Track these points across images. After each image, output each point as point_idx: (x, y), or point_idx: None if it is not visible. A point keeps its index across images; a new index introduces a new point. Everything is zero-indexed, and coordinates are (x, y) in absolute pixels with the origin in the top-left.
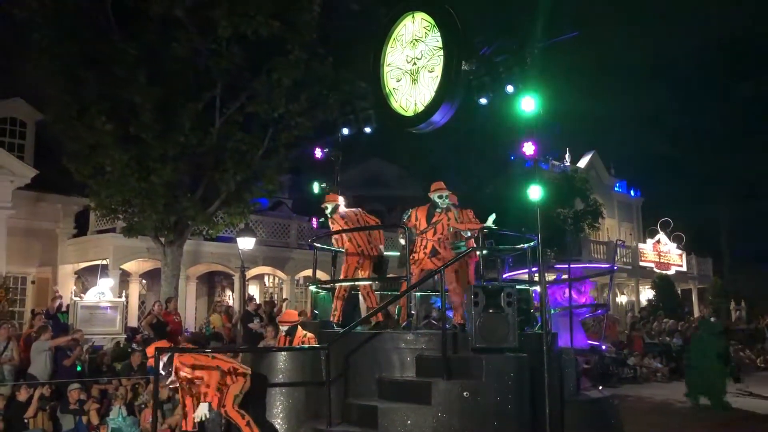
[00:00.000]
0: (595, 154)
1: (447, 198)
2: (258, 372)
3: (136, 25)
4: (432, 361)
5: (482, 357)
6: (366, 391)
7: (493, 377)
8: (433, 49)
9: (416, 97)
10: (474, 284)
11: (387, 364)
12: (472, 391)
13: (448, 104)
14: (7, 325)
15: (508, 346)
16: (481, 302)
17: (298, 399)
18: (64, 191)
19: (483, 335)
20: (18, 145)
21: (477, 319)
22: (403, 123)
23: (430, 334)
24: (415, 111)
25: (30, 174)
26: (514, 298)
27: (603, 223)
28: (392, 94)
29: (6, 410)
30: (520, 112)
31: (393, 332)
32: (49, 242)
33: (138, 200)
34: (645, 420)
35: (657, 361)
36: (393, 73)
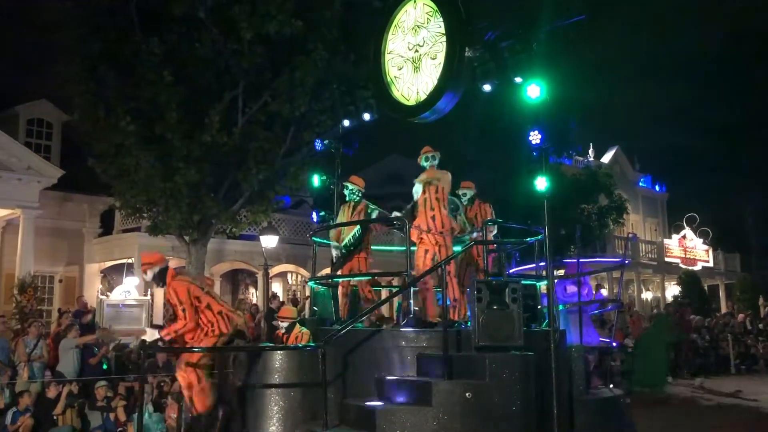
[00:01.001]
0: (618, 149)
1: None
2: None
3: (159, 26)
4: (433, 360)
5: (486, 356)
6: (365, 392)
7: (498, 377)
8: (436, 36)
9: (418, 85)
10: (477, 279)
11: (386, 364)
12: (476, 392)
13: (452, 92)
14: (36, 323)
15: (513, 344)
16: (484, 298)
17: (294, 399)
18: (90, 191)
19: (487, 333)
20: (45, 146)
21: (480, 316)
22: (405, 112)
23: (432, 332)
24: (417, 100)
25: (57, 174)
26: (519, 294)
27: (627, 219)
28: (393, 83)
29: (36, 407)
30: (527, 99)
31: (393, 330)
32: (75, 242)
33: (162, 200)
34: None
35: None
36: (394, 61)
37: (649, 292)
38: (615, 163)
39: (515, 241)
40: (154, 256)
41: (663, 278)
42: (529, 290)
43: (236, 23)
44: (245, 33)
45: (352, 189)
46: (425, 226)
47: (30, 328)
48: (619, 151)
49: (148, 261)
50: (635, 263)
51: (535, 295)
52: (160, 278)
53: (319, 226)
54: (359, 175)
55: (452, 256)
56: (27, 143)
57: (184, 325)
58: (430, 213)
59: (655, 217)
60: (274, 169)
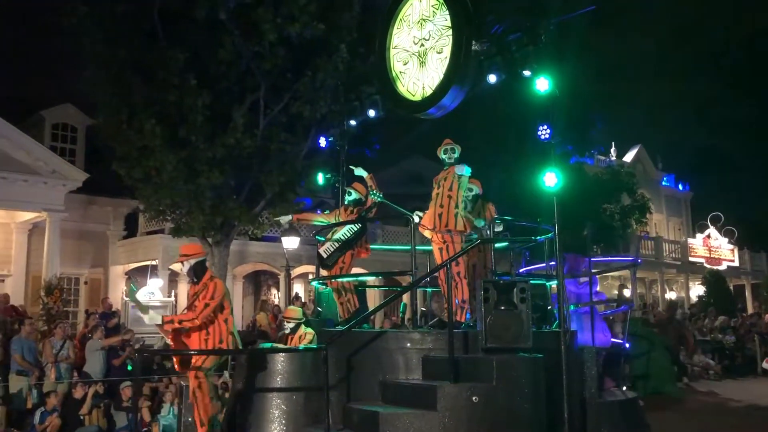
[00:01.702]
0: (641, 148)
1: (457, 152)
2: (254, 375)
3: (182, 29)
4: (439, 362)
5: (493, 358)
6: (369, 395)
7: (506, 380)
8: (442, 29)
9: (424, 80)
10: (484, 279)
11: (391, 366)
12: (482, 396)
13: (458, 87)
14: (63, 325)
15: (521, 346)
16: (492, 298)
17: (296, 403)
18: (114, 194)
19: (494, 334)
20: (69, 150)
21: (488, 317)
22: (411, 108)
23: (438, 333)
24: (423, 95)
25: (81, 178)
26: (528, 294)
27: (651, 219)
28: (399, 78)
29: (63, 407)
30: (535, 92)
31: (398, 331)
32: (100, 244)
33: (186, 202)
34: (696, 419)
35: (709, 358)
36: (399, 55)
37: (673, 292)
38: (637, 162)
39: (522, 240)
40: (193, 247)
41: (687, 278)
42: (538, 290)
43: (258, 25)
44: (267, 35)
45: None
46: (430, 224)
47: (56, 330)
48: (641, 150)
49: (187, 252)
50: (659, 263)
51: (544, 294)
52: (195, 271)
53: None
54: (380, 175)
55: (457, 254)
56: (52, 147)
57: (191, 319)
58: (438, 210)
59: (679, 216)
60: (295, 171)
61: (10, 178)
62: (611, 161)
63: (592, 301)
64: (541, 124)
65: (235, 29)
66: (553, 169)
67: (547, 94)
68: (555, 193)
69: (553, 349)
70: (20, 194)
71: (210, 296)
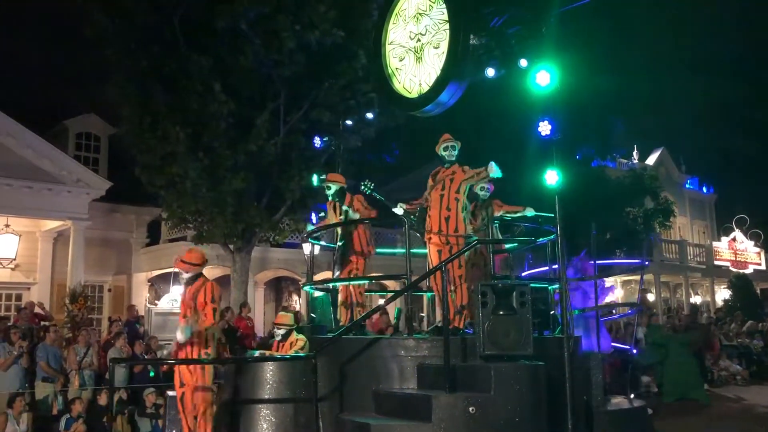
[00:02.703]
0: (664, 151)
1: (456, 149)
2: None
3: (203, 38)
4: (435, 371)
5: (491, 366)
6: (362, 405)
7: (504, 389)
8: (439, 23)
9: (421, 76)
10: (481, 282)
11: (385, 375)
12: (480, 406)
13: (456, 83)
14: (86, 332)
15: (521, 353)
16: (490, 303)
17: (286, 414)
18: (137, 202)
19: (493, 340)
20: (93, 159)
21: (486, 322)
22: (408, 106)
23: (434, 340)
24: (420, 92)
25: (105, 186)
26: (527, 298)
27: (675, 222)
28: (395, 75)
29: (87, 414)
30: (536, 87)
31: (392, 338)
32: (123, 251)
33: (208, 209)
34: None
35: (736, 364)
36: (395, 51)
37: (698, 296)
38: (660, 164)
39: (523, 240)
40: (199, 256)
41: (712, 282)
42: (540, 294)
43: (278, 33)
44: (287, 43)
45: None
46: (436, 226)
47: (79, 337)
48: (664, 153)
49: (193, 262)
50: (683, 267)
51: (546, 299)
52: (195, 277)
53: (314, 228)
54: (400, 180)
55: (454, 255)
56: (76, 156)
57: (212, 324)
58: (445, 213)
59: (703, 219)
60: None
61: (36, 187)
62: (634, 164)
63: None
64: (542, 119)
65: (255, 38)
66: (554, 167)
67: (548, 88)
68: (557, 192)
69: (556, 356)
70: (45, 203)
71: (211, 298)
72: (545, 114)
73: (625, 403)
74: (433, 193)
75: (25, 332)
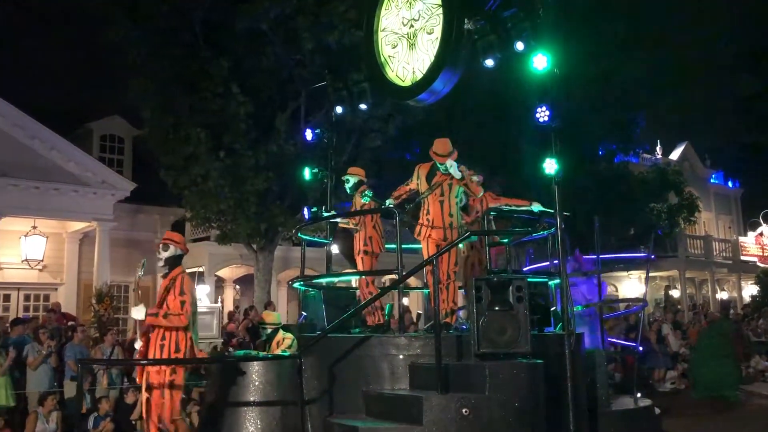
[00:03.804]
0: (688, 145)
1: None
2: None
3: (224, 40)
4: (427, 370)
5: (486, 364)
6: (352, 407)
7: (500, 389)
8: (432, 7)
9: (414, 64)
10: (476, 277)
11: (375, 375)
12: (474, 407)
13: (450, 70)
14: (112, 331)
15: (518, 351)
16: (485, 298)
17: (272, 416)
18: (161, 203)
19: (488, 338)
20: (117, 161)
21: (480, 319)
22: (401, 95)
23: (427, 338)
24: (413, 80)
25: (129, 187)
26: (525, 293)
27: (699, 217)
28: (388, 63)
29: (115, 412)
30: (533, 71)
31: (381, 336)
32: (148, 252)
33: (231, 209)
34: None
35: (764, 360)
36: (388, 38)
37: (724, 292)
38: (684, 159)
39: (518, 231)
40: (181, 237)
41: (739, 277)
42: (539, 289)
43: (298, 34)
44: (307, 43)
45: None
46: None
47: (106, 336)
48: (688, 147)
49: (173, 238)
50: (708, 262)
51: (546, 294)
52: (174, 263)
53: (306, 222)
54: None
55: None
56: (101, 158)
57: (178, 315)
58: (447, 219)
59: (729, 214)
60: (337, 176)
61: (62, 189)
62: (657, 159)
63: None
64: (540, 105)
65: (275, 38)
66: (553, 155)
67: (546, 72)
68: (556, 182)
69: (557, 354)
70: (71, 205)
71: (179, 291)
72: (543, 100)
73: (630, 403)
74: (431, 197)
75: (53, 332)
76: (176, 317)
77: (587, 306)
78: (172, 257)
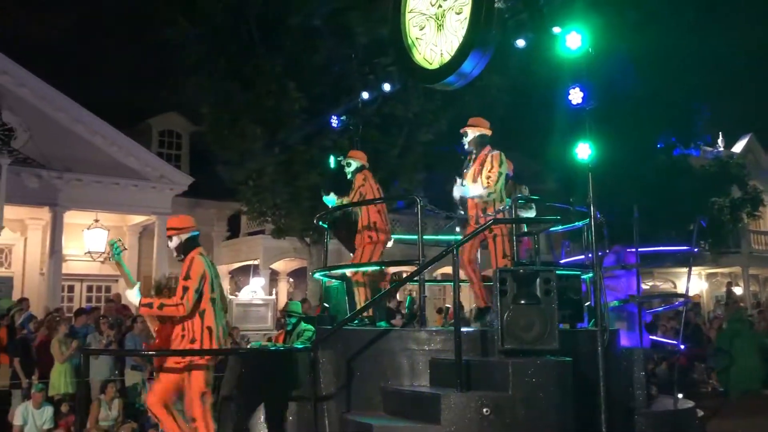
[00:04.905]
0: (752, 137)
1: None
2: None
3: (277, 36)
4: (448, 366)
5: (509, 361)
6: (371, 403)
7: (524, 388)
8: None
9: (442, 45)
10: (501, 268)
11: (394, 370)
12: (495, 407)
13: (480, 51)
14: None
15: (546, 347)
16: (510, 291)
17: (289, 412)
18: (217, 197)
19: (513, 333)
20: (175, 156)
21: (505, 313)
22: (428, 78)
23: (448, 332)
24: (441, 62)
25: (187, 182)
26: (553, 286)
27: (764, 212)
28: (415, 45)
29: None
30: (566, 51)
31: (401, 330)
32: (205, 245)
33: (285, 203)
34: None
35: None
36: (415, 20)
37: None
38: (748, 152)
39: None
40: (183, 219)
41: None
42: (570, 282)
43: (351, 29)
44: (360, 38)
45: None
46: None
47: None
48: (752, 139)
49: (176, 225)
50: None
51: (578, 288)
52: (184, 248)
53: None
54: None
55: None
56: (159, 153)
57: (175, 304)
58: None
59: None
60: (388, 170)
61: (122, 183)
62: (719, 152)
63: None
64: (572, 86)
65: (328, 34)
66: (587, 139)
67: (579, 52)
68: (589, 168)
69: (589, 352)
70: (131, 199)
71: (184, 275)
72: (576, 80)
73: (670, 404)
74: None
75: (114, 322)
76: (173, 307)
77: (626, 301)
78: (181, 244)
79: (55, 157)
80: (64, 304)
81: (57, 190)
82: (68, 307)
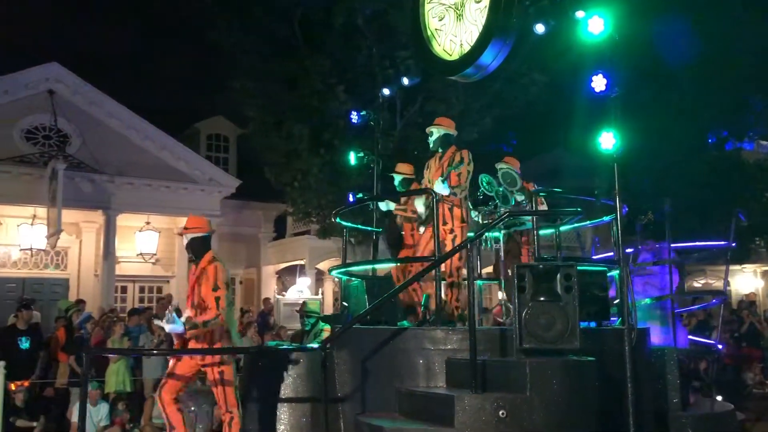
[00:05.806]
0: None
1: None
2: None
3: (320, 37)
4: (465, 366)
5: (527, 361)
6: (386, 405)
7: (543, 389)
8: None
9: (462, 36)
10: (518, 264)
11: (409, 370)
12: (512, 409)
13: (500, 41)
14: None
15: (567, 347)
16: (528, 287)
17: (302, 412)
18: (264, 198)
19: (532, 332)
20: (222, 159)
21: (524, 311)
22: (447, 69)
23: (464, 331)
24: (460, 53)
25: (234, 184)
26: (574, 282)
27: None
28: (434, 37)
29: None
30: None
31: (417, 329)
32: (252, 246)
33: (330, 204)
34: None
35: None
36: (435, 11)
37: None
38: None
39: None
40: (198, 220)
41: None
42: (595, 279)
43: (392, 29)
44: (402, 38)
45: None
46: None
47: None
48: None
49: (193, 225)
50: None
51: (603, 284)
52: (198, 248)
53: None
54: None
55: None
56: (207, 156)
57: (216, 316)
58: None
59: None
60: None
61: (172, 186)
62: None
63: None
64: (595, 73)
65: (370, 34)
66: (611, 128)
67: (602, 37)
68: (614, 159)
69: (615, 351)
70: (181, 201)
71: (213, 285)
72: (599, 67)
73: (707, 407)
74: None
75: None
76: (215, 321)
77: (660, 298)
78: (193, 244)
79: (107, 161)
80: (117, 304)
81: (110, 194)
82: (121, 308)
